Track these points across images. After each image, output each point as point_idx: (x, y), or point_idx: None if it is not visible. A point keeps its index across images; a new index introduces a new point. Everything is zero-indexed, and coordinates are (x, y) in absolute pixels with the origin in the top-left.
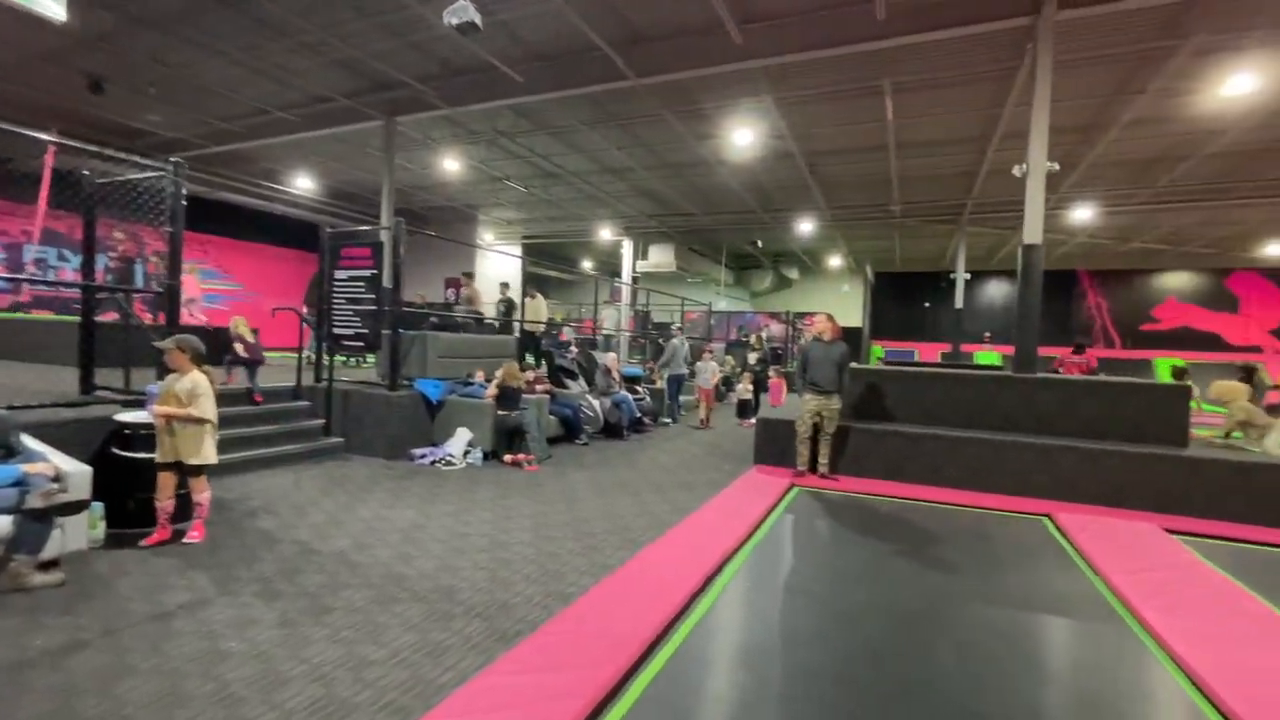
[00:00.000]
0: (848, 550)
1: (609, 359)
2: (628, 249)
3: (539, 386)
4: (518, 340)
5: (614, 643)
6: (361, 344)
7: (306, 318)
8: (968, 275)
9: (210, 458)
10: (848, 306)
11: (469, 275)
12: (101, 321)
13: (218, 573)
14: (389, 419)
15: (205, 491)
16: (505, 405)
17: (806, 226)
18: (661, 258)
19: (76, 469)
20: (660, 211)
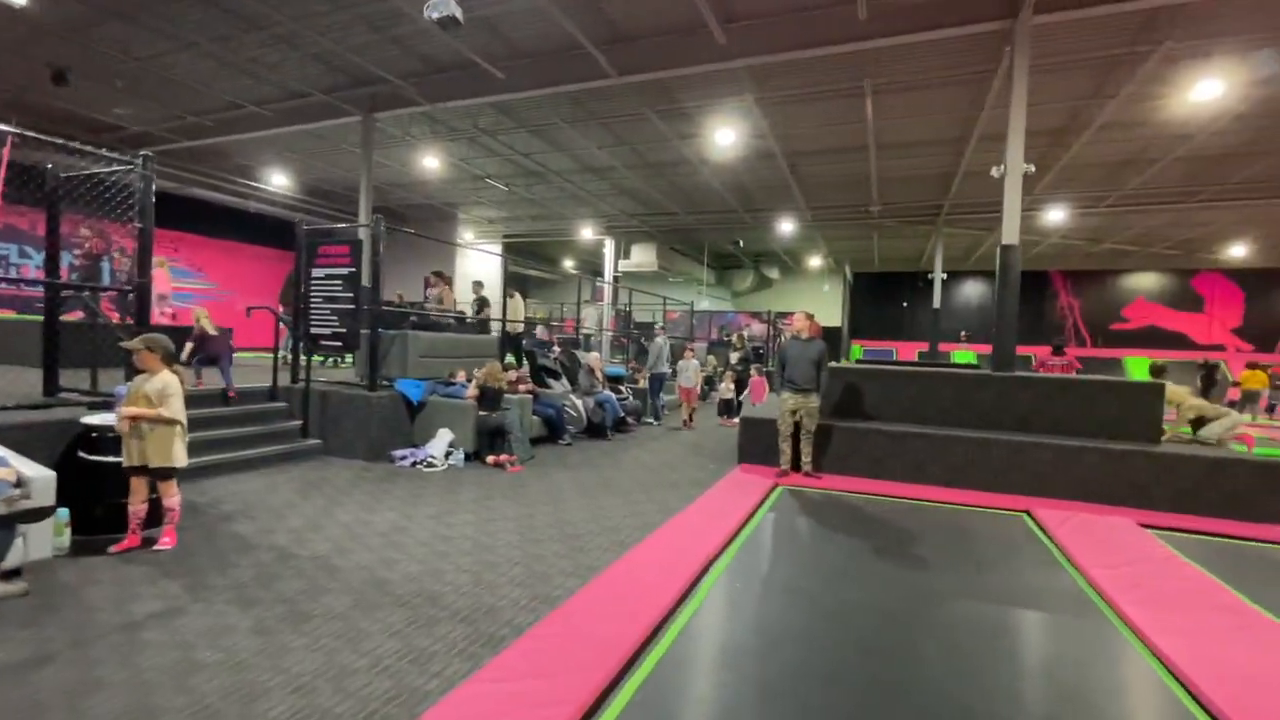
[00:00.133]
0: (833, 549)
1: (592, 359)
2: (609, 248)
3: (522, 386)
4: (499, 340)
5: (602, 647)
6: (340, 344)
7: (283, 317)
8: (945, 275)
9: (180, 460)
10: (828, 306)
11: (439, 274)
12: (67, 321)
13: (191, 580)
14: (369, 420)
15: (176, 495)
16: (487, 406)
17: (787, 226)
18: (643, 257)
19: (40, 474)
20: (642, 211)
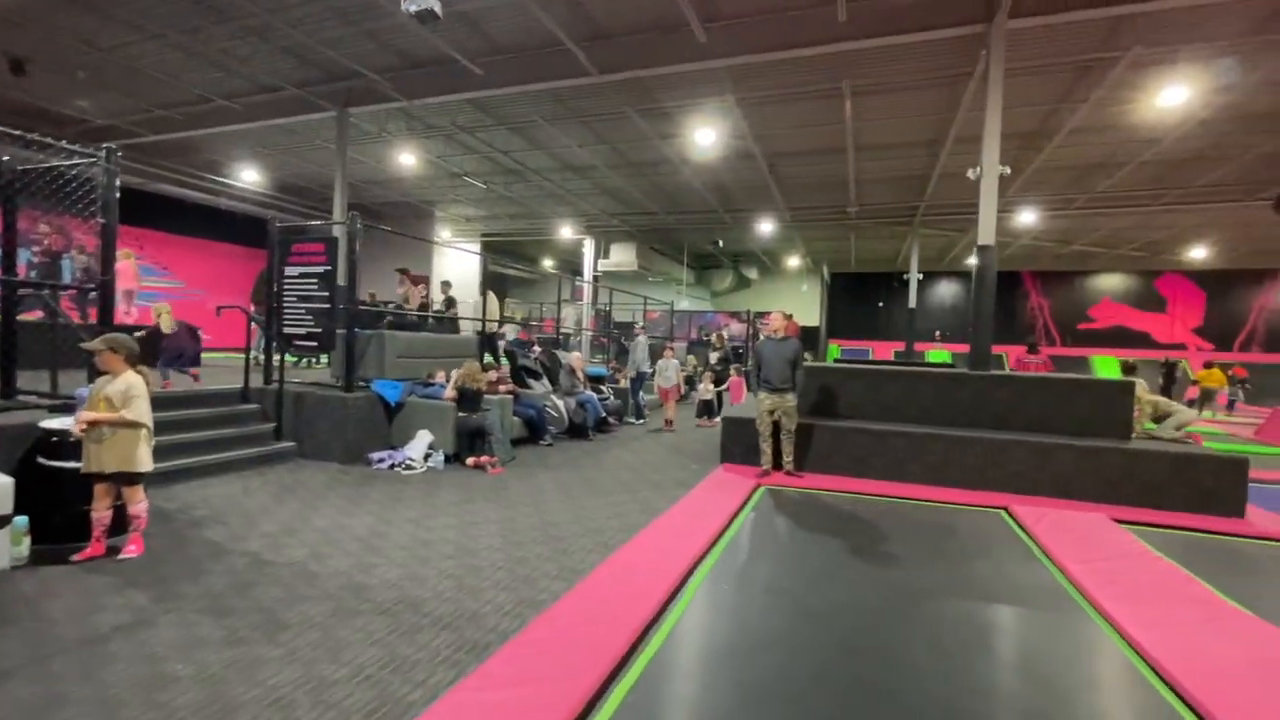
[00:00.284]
0: (816, 548)
1: (573, 358)
2: (589, 248)
3: (502, 387)
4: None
5: (589, 652)
6: (315, 344)
7: (255, 316)
8: (920, 276)
9: (145, 465)
10: (806, 306)
11: (404, 271)
12: (25, 320)
13: (159, 589)
14: (345, 422)
15: (142, 501)
16: (466, 407)
17: (766, 227)
18: (623, 257)
19: None
20: (622, 210)
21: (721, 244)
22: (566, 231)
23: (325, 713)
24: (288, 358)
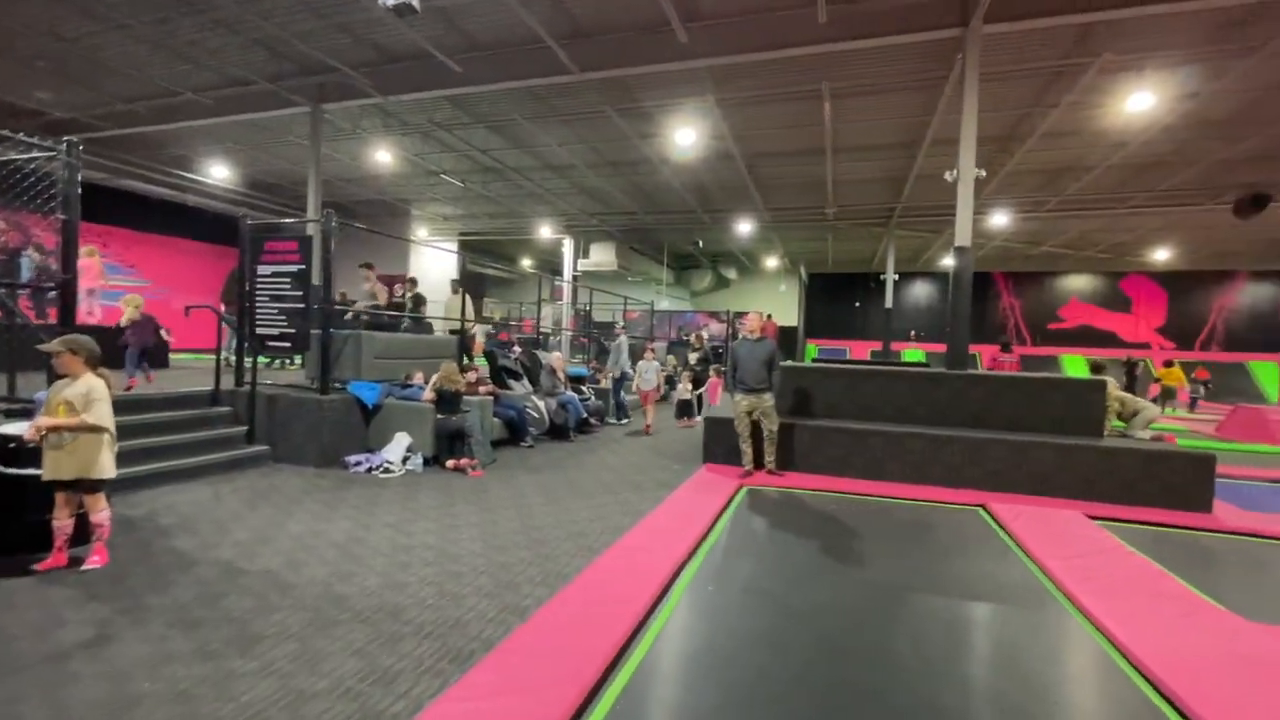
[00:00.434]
0: (799, 548)
1: (555, 359)
2: (569, 247)
3: (482, 388)
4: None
5: (576, 659)
6: (288, 344)
7: (226, 316)
8: (896, 276)
9: (108, 471)
10: (784, 306)
11: (369, 265)
12: None
13: (125, 602)
14: (320, 424)
15: (104, 510)
16: (445, 408)
17: (745, 227)
18: (603, 256)
19: None
20: (602, 210)
21: (701, 244)
22: (546, 231)
23: None
24: (261, 359)
